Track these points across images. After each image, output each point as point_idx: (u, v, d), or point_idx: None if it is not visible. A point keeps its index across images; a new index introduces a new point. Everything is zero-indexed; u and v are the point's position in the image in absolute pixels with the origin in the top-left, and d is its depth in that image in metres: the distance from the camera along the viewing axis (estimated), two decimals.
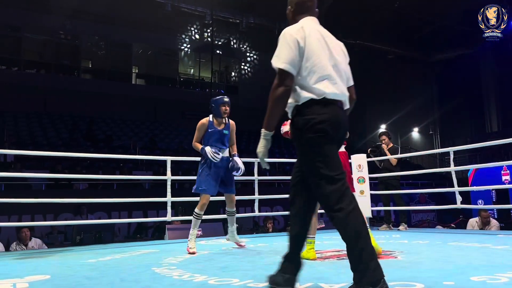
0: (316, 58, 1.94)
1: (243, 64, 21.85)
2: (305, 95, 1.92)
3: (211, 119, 4.06)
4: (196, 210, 3.90)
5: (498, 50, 20.11)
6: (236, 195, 4.21)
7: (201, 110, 18.33)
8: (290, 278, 2.00)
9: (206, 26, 19.84)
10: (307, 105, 1.92)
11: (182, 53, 20.99)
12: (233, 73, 22.70)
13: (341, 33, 20.56)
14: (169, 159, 5.33)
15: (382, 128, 21.92)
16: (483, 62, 22.22)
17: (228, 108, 4.05)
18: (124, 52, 19.04)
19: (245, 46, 21.67)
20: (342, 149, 3.45)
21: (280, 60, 1.92)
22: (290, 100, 1.96)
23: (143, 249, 4.22)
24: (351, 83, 2.16)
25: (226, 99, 4.08)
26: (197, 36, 20.36)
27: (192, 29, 20.22)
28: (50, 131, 14.68)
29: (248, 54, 21.87)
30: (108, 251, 4.15)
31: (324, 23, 2.17)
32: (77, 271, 2.91)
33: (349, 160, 5.69)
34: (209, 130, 4.02)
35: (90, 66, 18.90)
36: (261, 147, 1.99)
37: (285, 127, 3.63)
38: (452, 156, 5.41)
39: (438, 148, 21.59)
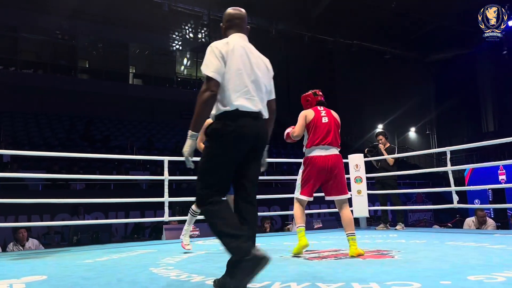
0: (234, 71, 2.15)
1: None
2: (220, 107, 2.14)
3: None
4: (193, 207, 3.90)
5: (495, 50, 20.18)
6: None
7: None
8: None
9: (203, 26, 19.82)
10: (220, 116, 2.14)
11: (179, 53, 20.98)
12: None
13: (339, 33, 20.64)
14: (166, 159, 5.32)
15: (379, 128, 21.97)
16: (480, 63, 22.30)
17: None
18: (121, 52, 19.00)
19: None
20: (336, 152, 3.46)
21: (209, 68, 2.13)
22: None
23: (141, 249, 4.21)
24: (273, 96, 2.38)
25: None
26: (192, 35, 20.34)
27: (189, 29, 20.20)
28: (47, 131, 14.64)
29: None
30: (105, 251, 4.15)
31: (322, 23, 2.20)
32: (74, 271, 2.90)
33: (344, 160, 5.70)
34: None
35: (87, 66, 18.86)
36: (186, 146, 2.15)
37: (286, 132, 3.68)
38: (449, 156, 5.43)
39: (435, 148, 21.66)
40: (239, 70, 2.16)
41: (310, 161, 3.41)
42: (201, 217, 4.07)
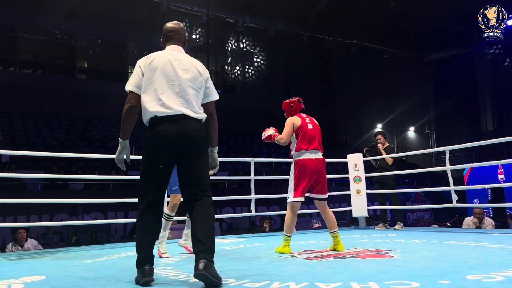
0: (150, 82, 2.35)
1: (239, 63, 21.84)
2: (144, 117, 2.38)
3: None
4: (167, 211, 3.70)
5: (493, 50, 20.21)
6: (232, 195, 4.22)
7: None
8: (145, 271, 2.31)
9: (202, 26, 19.82)
10: (148, 125, 2.38)
11: None
12: (229, 73, 22.73)
13: (338, 33, 20.66)
14: None
15: (378, 127, 21.98)
16: (479, 62, 22.33)
17: None
18: (120, 52, 18.98)
19: (241, 46, 21.65)
20: (321, 155, 3.69)
21: (129, 84, 2.40)
22: None
23: None
24: (210, 99, 2.51)
25: None
26: (193, 36, 20.33)
27: (188, 28, 20.18)
28: (45, 131, 14.62)
29: (244, 53, 21.85)
30: (104, 251, 4.14)
31: (320, 23, 2.18)
32: (73, 271, 2.90)
33: (343, 160, 5.71)
34: None
35: (86, 66, 18.84)
36: (117, 152, 2.46)
37: (266, 133, 3.82)
38: (447, 155, 5.43)
39: (434, 148, 21.68)
40: (155, 80, 2.34)
41: (302, 164, 3.60)
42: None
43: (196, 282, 2.38)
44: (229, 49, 21.40)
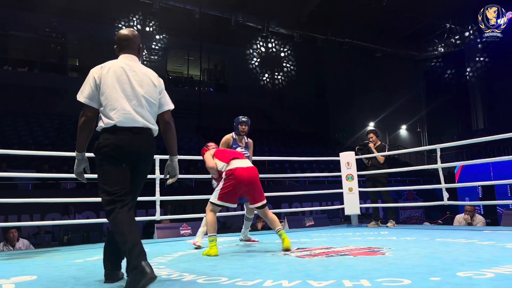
0: (109, 92, 2.34)
1: (232, 62, 21.78)
2: (100, 124, 2.36)
3: (234, 136, 4.57)
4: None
5: (485, 48, 20.38)
6: None
7: (189, 108, 18.36)
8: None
9: (195, 24, 19.74)
10: (101, 132, 2.36)
11: (171, 51, 20.87)
12: (222, 71, 22.69)
13: (330, 32, 20.71)
14: (157, 157, 5.27)
15: (371, 125, 22.09)
16: (470, 60, 22.50)
17: (245, 128, 4.48)
18: (111, 50, 18.81)
19: (234, 44, 21.60)
20: (249, 164, 3.80)
21: (82, 95, 2.41)
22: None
23: None
24: (165, 108, 2.51)
25: (244, 119, 4.50)
26: (186, 34, 20.24)
27: (181, 26, 20.09)
28: (36, 130, 14.50)
29: (237, 52, 21.81)
30: (96, 251, 4.12)
31: (313, 21, 2.17)
32: (64, 271, 2.89)
33: (336, 158, 5.73)
34: (233, 146, 4.46)
35: (77, 64, 18.70)
36: (75, 166, 2.49)
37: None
38: (439, 153, 5.47)
39: (426, 145, 21.82)
40: (113, 90, 2.33)
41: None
42: (195, 215, 4.08)
43: (188, 281, 2.38)
44: (222, 46, 21.34)
